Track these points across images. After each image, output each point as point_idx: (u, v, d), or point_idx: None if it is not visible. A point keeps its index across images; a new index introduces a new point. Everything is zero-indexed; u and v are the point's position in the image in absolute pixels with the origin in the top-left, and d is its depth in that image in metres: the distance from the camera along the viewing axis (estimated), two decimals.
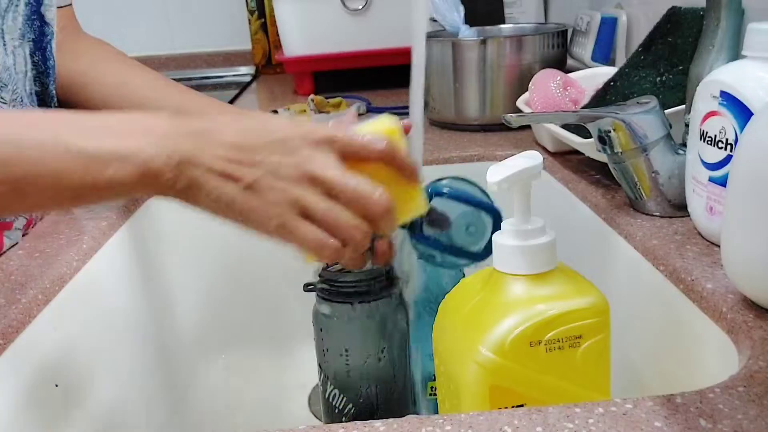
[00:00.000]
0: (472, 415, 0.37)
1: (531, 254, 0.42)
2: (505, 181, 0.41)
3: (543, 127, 0.84)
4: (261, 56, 1.72)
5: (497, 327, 0.41)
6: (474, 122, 1.00)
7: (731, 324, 0.45)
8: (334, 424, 0.37)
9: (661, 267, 0.54)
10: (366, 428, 0.36)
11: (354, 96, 1.26)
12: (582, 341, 0.42)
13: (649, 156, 0.60)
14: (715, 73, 0.53)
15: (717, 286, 0.48)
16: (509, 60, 0.97)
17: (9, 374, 0.51)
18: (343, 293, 0.58)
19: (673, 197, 0.60)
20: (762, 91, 0.49)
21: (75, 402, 0.59)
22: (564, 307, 0.41)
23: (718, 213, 0.53)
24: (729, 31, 0.58)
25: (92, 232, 0.69)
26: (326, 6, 1.32)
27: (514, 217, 0.43)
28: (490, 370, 0.41)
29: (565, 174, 0.77)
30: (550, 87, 0.82)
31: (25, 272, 0.60)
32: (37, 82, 0.70)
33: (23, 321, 0.53)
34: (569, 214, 0.74)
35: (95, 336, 0.65)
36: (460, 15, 1.03)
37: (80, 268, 0.64)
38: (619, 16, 0.99)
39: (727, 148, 0.52)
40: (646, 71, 0.76)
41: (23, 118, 0.45)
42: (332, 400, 0.61)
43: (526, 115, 0.80)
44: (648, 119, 0.59)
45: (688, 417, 0.35)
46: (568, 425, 0.35)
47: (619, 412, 0.36)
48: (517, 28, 1.14)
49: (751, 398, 0.37)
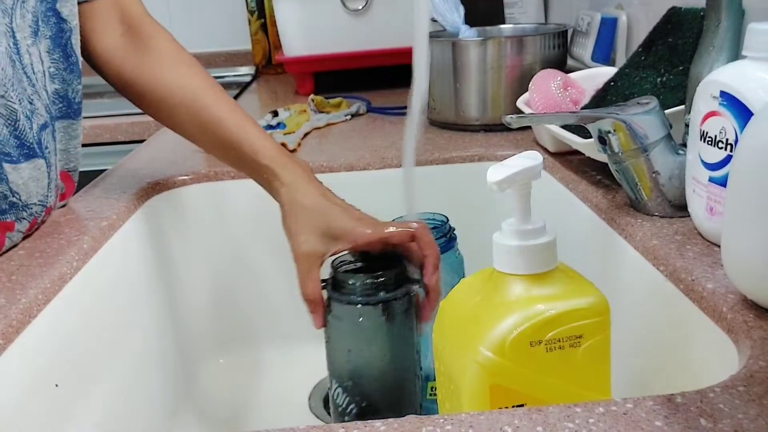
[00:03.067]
0: (473, 415, 0.37)
1: (531, 254, 0.42)
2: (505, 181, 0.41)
3: (543, 128, 0.84)
4: (261, 56, 1.72)
5: (497, 327, 0.41)
6: (474, 122, 1.00)
7: (731, 324, 0.45)
8: (335, 424, 0.37)
9: (662, 267, 0.54)
10: (366, 428, 0.36)
11: (354, 96, 1.26)
12: (582, 341, 0.42)
13: (649, 156, 0.60)
14: (715, 74, 0.53)
15: (717, 286, 0.48)
16: (509, 60, 0.97)
17: (9, 374, 0.51)
18: (351, 294, 0.58)
19: (673, 197, 0.60)
20: (762, 91, 0.49)
21: (75, 402, 0.59)
22: (564, 307, 0.41)
23: (718, 213, 0.53)
24: (729, 31, 0.58)
25: (92, 232, 0.69)
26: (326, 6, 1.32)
27: (514, 217, 0.43)
28: (490, 370, 0.41)
29: (566, 174, 0.77)
30: (550, 87, 0.82)
31: (25, 272, 0.60)
32: (56, 79, 0.69)
33: (23, 321, 0.53)
34: (569, 214, 0.74)
35: (95, 336, 0.65)
36: (460, 15, 1.03)
37: (80, 268, 0.64)
38: (619, 17, 0.99)
39: (727, 148, 0.52)
40: (647, 71, 0.76)
41: None
42: (336, 398, 0.61)
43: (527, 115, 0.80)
44: (648, 119, 0.59)
45: (689, 417, 0.35)
46: (569, 425, 0.35)
47: (619, 411, 0.36)
48: (518, 28, 1.14)
49: (751, 398, 0.37)
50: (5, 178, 0.61)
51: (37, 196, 0.65)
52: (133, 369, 0.73)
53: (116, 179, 0.88)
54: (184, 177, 0.89)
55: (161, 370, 0.81)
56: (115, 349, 0.69)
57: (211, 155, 0.81)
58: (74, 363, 0.60)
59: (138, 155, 1.02)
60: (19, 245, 0.65)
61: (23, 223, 0.64)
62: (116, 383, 0.68)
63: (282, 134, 1.00)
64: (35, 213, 0.65)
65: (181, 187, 0.89)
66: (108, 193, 0.82)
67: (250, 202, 0.90)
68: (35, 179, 0.64)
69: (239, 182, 0.90)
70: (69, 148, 0.73)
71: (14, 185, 0.62)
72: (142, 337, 0.77)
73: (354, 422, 0.37)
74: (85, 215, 0.74)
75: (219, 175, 0.90)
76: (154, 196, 0.86)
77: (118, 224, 0.75)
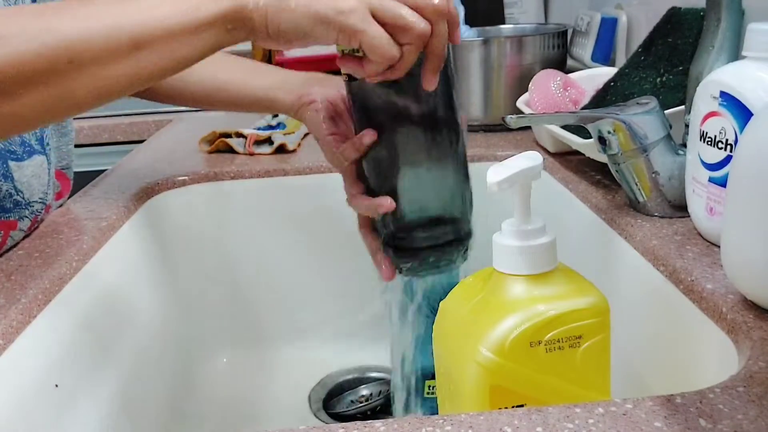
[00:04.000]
0: (472, 415, 0.37)
1: (531, 254, 0.42)
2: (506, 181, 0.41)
3: (543, 128, 0.84)
4: (261, 57, 1.72)
5: (497, 327, 0.41)
6: (474, 122, 1.00)
7: (731, 324, 0.45)
8: (335, 424, 0.37)
9: (661, 267, 0.54)
10: (366, 428, 0.36)
11: None
12: (582, 341, 0.42)
13: (649, 156, 0.60)
14: (715, 74, 0.53)
15: (717, 286, 0.48)
16: (509, 60, 0.97)
17: (9, 374, 0.51)
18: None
19: (673, 198, 0.60)
20: (762, 92, 0.49)
21: (76, 402, 0.59)
22: (564, 307, 0.41)
23: (718, 213, 0.53)
24: (729, 31, 0.58)
25: (92, 232, 0.69)
26: None
27: (514, 218, 0.43)
28: (490, 371, 0.41)
29: (566, 174, 0.77)
30: (550, 87, 0.82)
31: (25, 272, 0.60)
32: None
33: (23, 321, 0.53)
34: (569, 214, 0.74)
35: (95, 336, 0.65)
36: (460, 15, 1.03)
37: (80, 268, 0.64)
38: (619, 17, 0.99)
39: (727, 148, 0.52)
40: (646, 72, 0.76)
41: None
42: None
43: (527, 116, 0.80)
44: (648, 120, 0.59)
45: (688, 417, 0.35)
46: (568, 425, 0.35)
47: (619, 412, 0.36)
48: (518, 28, 1.14)
49: (751, 398, 0.37)
50: (11, 176, 0.61)
51: (38, 193, 0.65)
52: (133, 369, 0.73)
53: (115, 179, 0.88)
54: (184, 177, 0.89)
55: (161, 369, 0.81)
56: (114, 349, 0.69)
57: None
58: (74, 363, 0.60)
59: (137, 155, 1.01)
60: (18, 245, 0.66)
61: (25, 222, 0.65)
62: (116, 383, 0.68)
63: (282, 134, 1.00)
64: (36, 211, 0.66)
65: (180, 187, 0.89)
66: (107, 193, 0.82)
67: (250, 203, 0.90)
68: (37, 176, 0.64)
69: (239, 182, 0.90)
70: (61, 146, 0.73)
71: (19, 183, 0.62)
72: (142, 337, 0.77)
73: (353, 422, 0.37)
74: (85, 215, 0.74)
75: (219, 175, 0.90)
76: (154, 197, 0.86)
77: (118, 224, 0.75)
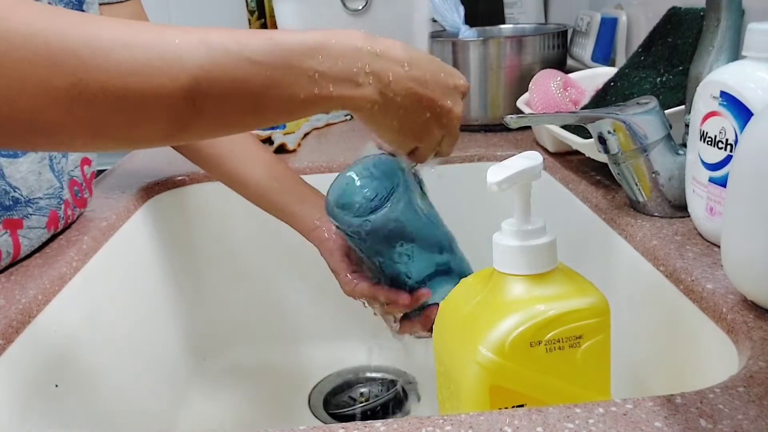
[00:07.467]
0: (472, 416, 0.37)
1: (531, 254, 0.42)
2: (505, 181, 0.41)
3: (543, 128, 0.84)
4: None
5: (497, 327, 0.41)
6: (474, 122, 1.00)
7: (731, 324, 0.45)
8: (334, 424, 0.37)
9: (662, 267, 0.54)
10: (366, 428, 0.36)
11: None
12: (582, 341, 0.42)
13: (649, 156, 0.60)
14: (715, 74, 0.53)
15: (717, 286, 0.48)
16: (509, 60, 0.97)
17: (9, 374, 0.51)
18: None
19: (673, 198, 0.60)
20: (762, 92, 0.49)
21: (75, 402, 0.59)
22: (564, 307, 0.41)
23: (718, 213, 0.53)
24: (729, 31, 0.58)
25: (92, 232, 0.69)
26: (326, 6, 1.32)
27: (515, 218, 0.43)
28: (490, 371, 0.41)
29: (566, 174, 0.77)
30: (550, 87, 0.82)
31: (25, 272, 0.60)
32: None
33: (23, 321, 0.53)
34: (569, 214, 0.74)
35: (95, 336, 0.65)
36: (460, 15, 1.03)
37: (80, 268, 0.64)
38: (619, 17, 0.99)
39: (727, 148, 0.51)
40: (646, 71, 0.76)
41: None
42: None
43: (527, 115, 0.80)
44: (648, 120, 0.59)
45: (689, 417, 0.35)
46: (569, 425, 0.35)
47: (619, 412, 0.36)
48: (518, 28, 1.14)
49: (751, 398, 0.37)
50: (1, 173, 0.60)
51: (42, 190, 0.64)
52: (133, 369, 0.73)
53: (116, 179, 0.88)
54: (184, 177, 0.89)
55: (161, 369, 0.81)
56: (114, 349, 0.69)
57: None
58: (74, 363, 0.60)
59: (138, 155, 1.01)
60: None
61: (32, 220, 0.63)
62: (116, 383, 0.68)
63: (282, 134, 1.00)
64: (45, 207, 0.65)
65: (180, 187, 0.89)
66: (107, 193, 0.82)
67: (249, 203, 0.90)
68: (35, 173, 0.63)
69: None
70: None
71: (12, 180, 0.61)
72: (142, 337, 0.77)
73: (353, 422, 0.37)
74: (85, 215, 0.74)
75: None
76: (154, 197, 0.86)
77: (118, 224, 0.75)
